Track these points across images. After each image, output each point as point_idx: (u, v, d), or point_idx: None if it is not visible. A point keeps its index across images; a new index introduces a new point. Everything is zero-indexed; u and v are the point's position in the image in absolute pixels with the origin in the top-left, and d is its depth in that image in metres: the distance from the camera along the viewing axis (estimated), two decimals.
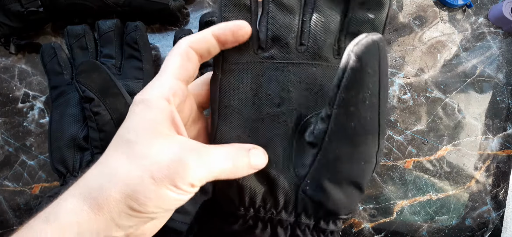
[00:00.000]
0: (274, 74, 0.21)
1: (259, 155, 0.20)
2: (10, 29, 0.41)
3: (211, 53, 0.21)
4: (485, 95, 0.46)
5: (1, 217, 0.43)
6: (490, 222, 0.45)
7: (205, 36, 0.20)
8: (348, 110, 0.18)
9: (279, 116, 0.21)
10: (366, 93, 0.17)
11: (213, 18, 0.38)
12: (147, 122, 0.18)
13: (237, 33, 0.20)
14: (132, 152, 0.18)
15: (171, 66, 0.20)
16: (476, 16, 0.47)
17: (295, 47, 0.22)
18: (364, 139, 0.19)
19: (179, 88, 0.20)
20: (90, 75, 0.36)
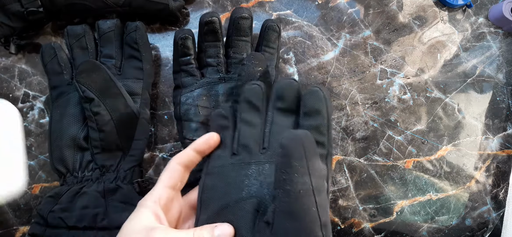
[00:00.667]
0: (241, 171, 0.28)
1: (222, 228, 0.25)
2: (10, 29, 0.41)
3: (194, 162, 0.30)
4: (485, 95, 0.46)
5: (1, 217, 0.43)
6: (490, 222, 0.45)
7: (187, 152, 0.29)
8: (285, 189, 0.22)
9: (244, 203, 0.26)
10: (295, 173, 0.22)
11: (213, 18, 0.38)
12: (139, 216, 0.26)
13: (209, 143, 0.30)
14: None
15: (162, 178, 0.29)
16: (476, 16, 0.47)
17: (258, 151, 0.29)
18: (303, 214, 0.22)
19: (165, 193, 0.28)
20: (90, 75, 0.36)
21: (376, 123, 0.45)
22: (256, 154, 0.29)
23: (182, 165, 0.29)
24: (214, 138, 0.30)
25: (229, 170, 0.29)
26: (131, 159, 0.38)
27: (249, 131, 0.30)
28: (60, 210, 0.34)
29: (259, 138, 0.30)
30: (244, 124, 0.30)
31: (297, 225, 0.22)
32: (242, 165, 0.29)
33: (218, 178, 0.29)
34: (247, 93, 0.31)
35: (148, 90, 0.41)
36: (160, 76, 0.45)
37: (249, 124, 0.30)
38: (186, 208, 0.31)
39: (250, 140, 0.29)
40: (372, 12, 0.46)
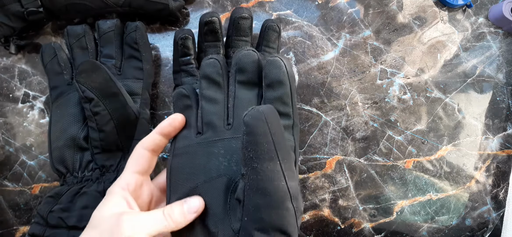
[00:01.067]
0: (208, 150, 0.28)
1: (192, 201, 0.26)
2: (10, 29, 0.41)
3: (160, 146, 0.29)
4: (485, 95, 0.46)
5: (1, 217, 0.43)
6: (490, 222, 0.45)
7: (152, 136, 0.29)
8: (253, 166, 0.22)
9: (214, 181, 0.26)
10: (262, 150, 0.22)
11: (213, 18, 0.38)
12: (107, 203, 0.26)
13: (173, 124, 0.29)
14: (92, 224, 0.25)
15: (128, 164, 0.29)
16: (476, 16, 0.47)
17: (223, 127, 0.28)
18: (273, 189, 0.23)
19: (132, 178, 0.28)
20: (90, 75, 0.36)
21: (376, 123, 0.45)
22: (221, 131, 0.28)
23: (148, 149, 0.29)
24: (178, 119, 0.29)
25: (196, 150, 0.28)
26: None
27: (212, 108, 0.29)
28: (60, 210, 0.34)
29: (223, 114, 0.29)
30: (206, 101, 0.29)
31: (267, 200, 0.23)
32: (208, 143, 0.28)
33: (185, 159, 0.28)
34: (205, 69, 0.30)
35: (148, 90, 0.41)
36: (160, 76, 0.45)
37: (211, 100, 0.29)
38: (156, 192, 0.31)
39: (213, 117, 0.29)
40: (372, 12, 0.46)
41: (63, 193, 0.35)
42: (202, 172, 0.27)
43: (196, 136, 0.29)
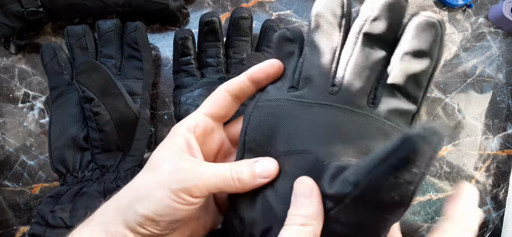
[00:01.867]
0: (300, 113, 0.21)
1: (265, 163, 0.21)
2: (10, 29, 0.41)
3: (246, 93, 0.24)
4: (485, 95, 0.46)
5: (1, 217, 0.43)
6: (490, 222, 0.45)
7: (239, 79, 0.23)
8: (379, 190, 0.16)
9: (295, 156, 0.21)
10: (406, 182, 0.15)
11: (213, 18, 0.38)
12: (167, 144, 0.22)
13: (267, 71, 0.23)
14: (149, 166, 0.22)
15: (204, 104, 0.24)
16: (476, 16, 0.47)
17: (326, 89, 0.21)
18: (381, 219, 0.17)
19: (202, 120, 0.23)
20: (90, 75, 0.36)
21: None
22: (321, 92, 0.21)
23: (231, 93, 0.24)
24: (275, 65, 0.23)
25: (285, 108, 0.22)
26: (131, 159, 0.38)
27: (317, 58, 0.22)
28: (60, 210, 0.34)
29: (329, 70, 0.21)
30: (311, 48, 0.22)
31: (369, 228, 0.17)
32: (300, 104, 0.21)
33: (269, 115, 0.22)
34: (321, 3, 0.22)
35: (148, 90, 0.41)
36: (160, 76, 0.45)
37: (318, 49, 0.22)
38: (227, 143, 0.26)
39: (315, 71, 0.22)
40: None
41: (63, 193, 0.35)
42: (285, 139, 0.21)
43: (288, 91, 0.22)
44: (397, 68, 0.20)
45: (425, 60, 0.20)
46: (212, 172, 0.21)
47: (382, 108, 0.20)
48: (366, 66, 0.21)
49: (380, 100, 0.21)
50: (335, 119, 0.20)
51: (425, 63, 0.20)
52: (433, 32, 0.20)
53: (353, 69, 0.21)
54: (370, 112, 0.20)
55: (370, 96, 0.21)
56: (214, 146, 0.25)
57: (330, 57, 0.22)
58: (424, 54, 0.20)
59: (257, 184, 0.21)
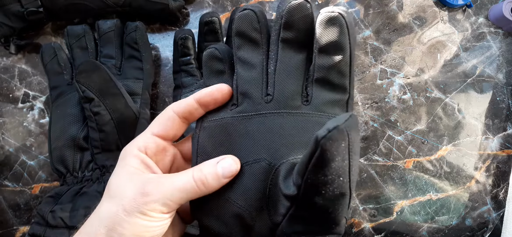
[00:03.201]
0: (244, 127, 0.23)
1: (227, 162, 0.22)
2: (10, 29, 0.41)
3: (193, 115, 0.24)
4: (485, 95, 0.46)
5: (1, 217, 0.43)
6: (490, 222, 0.45)
7: (188, 101, 0.24)
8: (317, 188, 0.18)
9: (249, 166, 0.22)
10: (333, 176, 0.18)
11: (213, 18, 0.38)
12: (123, 167, 0.23)
13: (215, 96, 0.24)
14: (110, 193, 0.22)
15: (152, 125, 0.24)
16: (476, 16, 0.47)
17: (261, 98, 0.23)
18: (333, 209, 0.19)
19: (153, 141, 0.24)
20: (90, 75, 0.36)
21: (376, 123, 0.45)
22: (259, 103, 0.23)
23: (179, 114, 0.24)
24: (223, 91, 0.24)
25: (229, 125, 0.23)
26: None
27: (248, 73, 0.24)
28: (60, 210, 0.34)
29: (261, 82, 0.23)
30: (241, 65, 0.24)
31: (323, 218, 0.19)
32: (243, 118, 0.23)
33: (217, 135, 0.24)
34: (238, 23, 0.23)
35: (148, 90, 0.41)
36: (160, 76, 0.45)
37: (247, 64, 0.24)
38: (179, 158, 0.27)
39: (250, 85, 0.23)
40: (372, 12, 0.46)
41: (63, 193, 0.35)
42: (237, 153, 0.23)
43: (231, 108, 0.24)
44: (318, 65, 0.22)
45: (339, 51, 0.22)
46: (177, 184, 0.21)
47: (316, 103, 0.22)
48: (291, 69, 0.23)
49: (312, 96, 0.23)
50: (276, 124, 0.22)
51: (340, 53, 0.22)
52: (337, 25, 0.21)
53: (281, 75, 0.23)
54: (306, 110, 0.23)
55: (302, 95, 0.23)
56: (167, 163, 0.25)
57: (260, 69, 0.23)
58: (336, 46, 0.22)
59: (221, 184, 0.22)
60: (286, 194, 0.20)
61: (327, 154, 0.17)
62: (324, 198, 0.18)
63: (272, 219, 0.21)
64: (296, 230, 0.20)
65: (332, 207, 0.19)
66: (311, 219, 0.20)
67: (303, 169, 0.18)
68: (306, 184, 0.18)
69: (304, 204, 0.19)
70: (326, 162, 0.17)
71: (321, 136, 0.17)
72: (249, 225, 0.22)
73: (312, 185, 0.18)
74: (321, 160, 0.17)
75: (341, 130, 0.17)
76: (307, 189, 0.19)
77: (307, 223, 0.20)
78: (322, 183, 0.18)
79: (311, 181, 0.18)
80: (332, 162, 0.17)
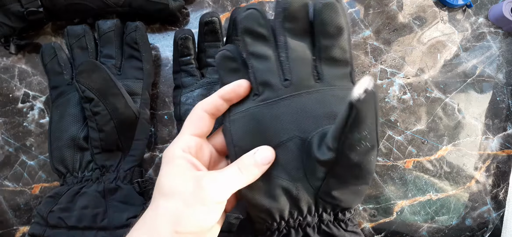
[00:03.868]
0: (271, 112, 0.25)
1: (263, 150, 0.25)
2: (10, 29, 0.41)
3: (220, 110, 0.27)
4: (485, 95, 0.46)
5: (1, 217, 0.43)
6: (490, 222, 0.45)
7: (213, 99, 0.26)
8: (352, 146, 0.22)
9: (285, 145, 0.25)
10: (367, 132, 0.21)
11: (213, 18, 0.38)
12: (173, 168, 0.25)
13: (237, 91, 0.26)
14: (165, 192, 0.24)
15: (187, 126, 0.27)
16: (476, 16, 0.47)
17: (280, 85, 0.26)
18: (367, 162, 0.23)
19: (193, 141, 0.26)
20: (90, 75, 0.36)
21: None
22: (280, 89, 0.26)
23: (208, 112, 0.27)
24: (244, 86, 0.26)
25: (257, 113, 0.26)
26: (131, 159, 0.38)
27: (264, 65, 0.26)
28: (60, 210, 0.34)
29: (277, 71, 0.26)
30: (255, 59, 0.26)
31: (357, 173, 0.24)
32: (269, 105, 0.26)
33: (247, 124, 0.26)
34: (244, 23, 0.26)
35: (148, 90, 0.41)
36: (160, 76, 0.45)
37: (261, 57, 0.26)
38: (214, 153, 0.29)
39: (268, 75, 0.26)
40: (372, 12, 0.46)
41: (63, 193, 0.35)
42: (271, 137, 0.25)
43: (253, 98, 0.26)
44: (323, 45, 0.26)
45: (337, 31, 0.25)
46: (227, 177, 0.24)
47: (327, 79, 0.26)
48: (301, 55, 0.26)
49: (323, 74, 0.26)
50: (299, 104, 0.25)
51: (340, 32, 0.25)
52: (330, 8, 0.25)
53: (294, 61, 0.26)
54: (320, 86, 0.26)
55: (313, 74, 0.26)
56: (206, 159, 0.28)
57: (273, 59, 0.26)
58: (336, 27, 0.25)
59: (262, 171, 0.25)
60: (322, 159, 0.23)
61: (361, 114, 0.20)
62: (359, 153, 0.22)
63: (313, 185, 0.25)
64: (334, 188, 0.24)
65: (365, 159, 0.23)
66: (348, 175, 0.24)
67: (339, 132, 0.22)
68: (343, 144, 0.22)
69: (341, 163, 0.23)
70: (361, 121, 0.21)
71: (355, 99, 0.20)
72: (294, 196, 0.25)
73: (348, 144, 0.22)
74: (357, 120, 0.21)
75: (370, 92, 0.20)
76: (344, 149, 0.22)
77: (343, 179, 0.24)
78: (357, 140, 0.22)
79: (348, 141, 0.22)
80: (366, 119, 0.21)
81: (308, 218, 0.26)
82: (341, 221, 0.27)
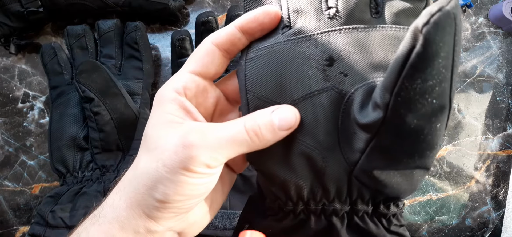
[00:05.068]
0: (303, 51, 0.19)
1: (284, 112, 0.18)
2: (10, 29, 0.41)
3: (237, 47, 0.20)
4: (485, 95, 0.46)
5: (1, 217, 0.43)
6: (490, 222, 0.45)
7: (228, 29, 0.20)
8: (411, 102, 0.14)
9: (315, 98, 0.18)
10: (435, 80, 0.14)
11: (209, 17, 0.38)
12: (161, 114, 0.19)
13: (262, 20, 0.19)
14: (148, 146, 0.19)
15: (188, 62, 0.20)
16: (476, 16, 0.47)
17: (321, 13, 0.19)
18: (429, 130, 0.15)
19: (192, 80, 0.20)
20: (90, 75, 0.36)
21: None
22: (319, 19, 0.19)
23: (220, 46, 0.20)
24: (270, 13, 0.19)
25: (284, 51, 0.19)
26: (131, 159, 0.38)
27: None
28: (60, 210, 0.34)
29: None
30: None
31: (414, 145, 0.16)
32: (300, 40, 0.19)
33: (268, 67, 0.19)
34: None
35: (148, 90, 0.41)
36: (160, 76, 0.45)
37: None
38: (223, 100, 0.22)
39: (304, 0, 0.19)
40: None
41: (63, 193, 0.35)
42: (297, 84, 0.18)
43: (282, 31, 0.20)
44: None
45: None
46: (225, 135, 0.17)
47: (388, 14, 0.18)
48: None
49: (383, 6, 0.19)
50: (343, 45, 0.18)
51: None
52: None
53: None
54: (377, 24, 0.18)
55: (371, 6, 0.19)
56: (209, 106, 0.21)
57: None
58: None
59: (278, 138, 0.18)
60: (364, 122, 0.16)
61: (432, 47, 0.13)
62: (420, 115, 0.14)
63: (347, 158, 0.18)
64: (377, 166, 0.17)
65: (428, 126, 0.15)
66: (398, 148, 0.16)
67: (394, 78, 0.14)
68: (397, 98, 0.14)
69: (391, 129, 0.15)
70: (430, 59, 0.13)
71: (423, 23, 0.13)
72: (320, 168, 0.18)
73: (406, 98, 0.14)
74: (424, 56, 0.13)
75: (447, 13, 0.13)
76: (399, 105, 0.15)
77: (392, 154, 0.16)
78: (419, 93, 0.14)
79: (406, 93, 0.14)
80: (437, 59, 0.13)
81: (336, 204, 0.19)
82: (383, 216, 0.19)
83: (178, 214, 0.18)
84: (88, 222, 0.19)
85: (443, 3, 0.13)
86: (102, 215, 0.18)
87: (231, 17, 0.39)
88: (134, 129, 0.38)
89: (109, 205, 0.19)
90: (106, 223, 0.18)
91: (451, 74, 0.14)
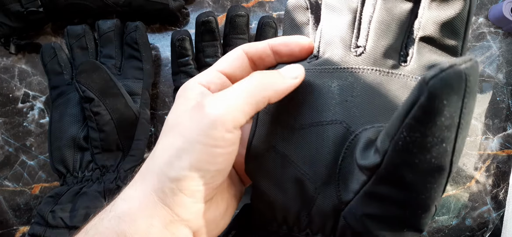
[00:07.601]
0: (323, 82, 0.19)
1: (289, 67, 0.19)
2: (10, 29, 0.41)
3: (264, 61, 0.21)
4: (485, 95, 0.46)
5: (1, 217, 0.43)
6: (490, 222, 0.45)
7: (261, 45, 0.21)
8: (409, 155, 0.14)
9: (322, 128, 0.19)
10: (436, 138, 0.13)
11: (209, 17, 0.38)
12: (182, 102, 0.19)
13: (292, 46, 0.21)
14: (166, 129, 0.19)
15: (218, 62, 0.21)
16: (476, 16, 0.47)
17: (349, 50, 0.19)
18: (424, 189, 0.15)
19: (218, 77, 0.21)
20: (90, 75, 0.36)
21: None
22: (345, 55, 0.19)
23: (249, 55, 0.21)
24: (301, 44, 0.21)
25: (305, 79, 0.20)
26: (131, 159, 0.38)
27: (338, 19, 0.20)
28: (60, 210, 0.34)
29: (350, 33, 0.20)
30: (329, 10, 0.20)
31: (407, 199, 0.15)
32: (323, 72, 0.20)
33: None
34: None
35: (148, 90, 0.41)
36: (160, 76, 0.45)
37: (337, 9, 0.20)
38: None
39: (337, 32, 0.20)
40: None
41: (63, 193, 0.35)
42: (310, 111, 0.19)
43: (309, 60, 0.21)
44: (426, 18, 0.18)
45: (455, 2, 0.17)
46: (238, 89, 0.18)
47: (417, 65, 0.18)
48: (391, 21, 0.19)
49: (413, 57, 0.19)
50: (364, 84, 0.18)
51: (457, 5, 0.17)
52: None
53: (377, 26, 0.19)
54: (403, 72, 0.19)
55: (401, 53, 0.19)
56: None
57: (351, 17, 0.20)
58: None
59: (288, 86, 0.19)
60: (363, 165, 0.16)
61: (435, 103, 0.12)
62: (416, 171, 0.14)
63: (340, 195, 0.18)
64: (368, 213, 0.16)
65: (423, 184, 0.14)
66: (391, 200, 0.15)
67: (396, 125, 0.14)
68: (396, 147, 0.14)
69: (386, 177, 0.15)
70: (432, 114, 0.13)
71: (431, 76, 0.12)
72: (310, 197, 0.18)
73: (404, 149, 0.14)
74: (426, 109, 0.13)
75: (458, 73, 0.12)
76: (396, 154, 0.14)
77: (384, 205, 0.16)
78: (418, 147, 0.13)
79: (404, 143, 0.14)
80: (439, 116, 0.13)
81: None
82: None
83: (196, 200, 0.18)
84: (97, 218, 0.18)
85: (458, 61, 0.12)
86: (113, 209, 0.18)
87: (231, 17, 0.39)
88: (134, 129, 0.38)
89: (121, 198, 0.18)
90: (116, 218, 0.17)
91: (455, 136, 0.13)
